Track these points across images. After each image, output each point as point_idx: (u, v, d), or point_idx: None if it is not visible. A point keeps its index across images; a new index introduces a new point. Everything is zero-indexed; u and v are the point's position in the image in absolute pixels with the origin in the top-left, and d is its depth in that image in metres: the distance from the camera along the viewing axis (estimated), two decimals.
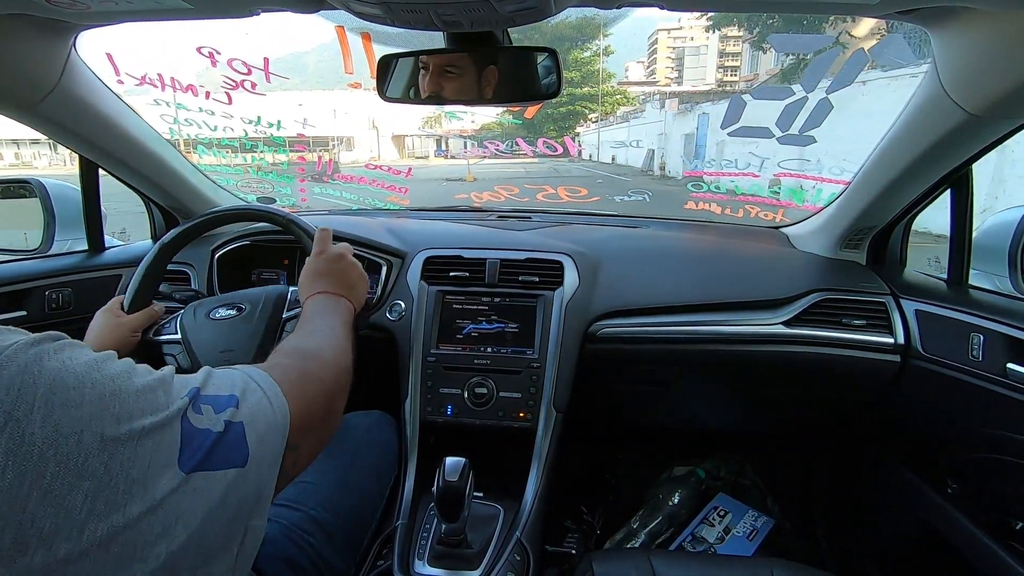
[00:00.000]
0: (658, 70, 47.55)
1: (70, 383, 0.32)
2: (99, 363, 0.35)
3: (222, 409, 0.40)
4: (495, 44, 0.80)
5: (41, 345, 0.33)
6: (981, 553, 0.96)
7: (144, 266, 0.94)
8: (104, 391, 0.33)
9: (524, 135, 6.77)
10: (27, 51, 0.84)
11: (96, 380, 0.33)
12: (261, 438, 0.42)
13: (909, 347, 1.05)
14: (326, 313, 0.73)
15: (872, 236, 1.17)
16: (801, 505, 1.51)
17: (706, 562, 0.94)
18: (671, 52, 47.67)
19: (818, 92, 1.26)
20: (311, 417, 0.51)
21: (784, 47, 4.32)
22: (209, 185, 1.40)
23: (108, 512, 0.31)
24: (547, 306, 1.11)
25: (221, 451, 0.38)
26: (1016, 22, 0.64)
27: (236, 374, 0.46)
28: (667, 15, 32.97)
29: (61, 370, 0.32)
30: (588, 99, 18.58)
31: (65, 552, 0.29)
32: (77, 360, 0.34)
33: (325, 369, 0.59)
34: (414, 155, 18.59)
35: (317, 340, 0.65)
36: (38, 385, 0.30)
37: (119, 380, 0.35)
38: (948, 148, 0.88)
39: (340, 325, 0.72)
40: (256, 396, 0.44)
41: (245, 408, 0.42)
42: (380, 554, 0.89)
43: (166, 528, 0.33)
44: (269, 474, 0.43)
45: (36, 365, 0.31)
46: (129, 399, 0.34)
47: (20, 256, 1.24)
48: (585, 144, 17.22)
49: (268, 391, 0.46)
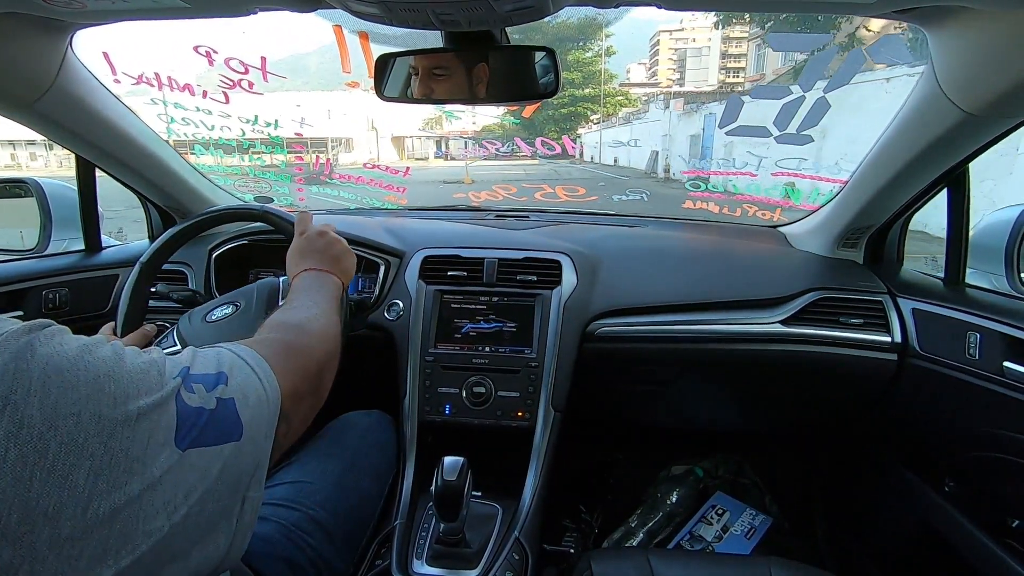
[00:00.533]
0: (660, 72, 47.28)
1: (64, 366, 0.32)
2: (90, 347, 0.35)
3: (212, 387, 0.41)
4: (493, 43, 0.80)
5: (32, 333, 0.33)
6: (979, 551, 0.97)
7: (129, 288, 0.91)
8: (98, 372, 0.34)
9: (525, 136, 6.71)
10: (23, 50, 0.83)
11: (88, 363, 0.34)
12: (253, 412, 0.43)
13: (906, 346, 1.05)
14: (311, 289, 0.74)
15: (869, 235, 1.17)
16: (799, 504, 1.52)
17: (704, 561, 0.94)
18: (673, 54, 47.39)
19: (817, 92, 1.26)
20: (300, 387, 0.52)
21: (783, 46, 4.33)
22: (207, 185, 1.40)
23: (110, 490, 0.32)
24: (545, 305, 1.11)
25: (215, 427, 0.39)
26: (1013, 22, 0.65)
27: (223, 352, 0.46)
28: (669, 16, 32.72)
29: (53, 355, 0.33)
30: (589, 100, 18.46)
31: (70, 529, 0.30)
32: (68, 345, 0.34)
33: (311, 339, 0.60)
34: (414, 156, 18.48)
35: (302, 314, 0.65)
36: (32, 370, 0.31)
37: (111, 363, 0.35)
38: (945, 147, 0.88)
39: (326, 298, 0.72)
40: (244, 372, 0.45)
41: (234, 384, 0.43)
42: (379, 553, 0.89)
43: (166, 503, 0.35)
44: (264, 445, 0.44)
45: (28, 351, 0.32)
46: (123, 380, 0.35)
47: (17, 256, 1.24)
48: (587, 145, 17.00)
49: (255, 366, 0.47)
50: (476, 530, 0.91)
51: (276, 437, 0.46)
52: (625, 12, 0.76)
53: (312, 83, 65.83)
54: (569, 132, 17.27)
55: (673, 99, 16.01)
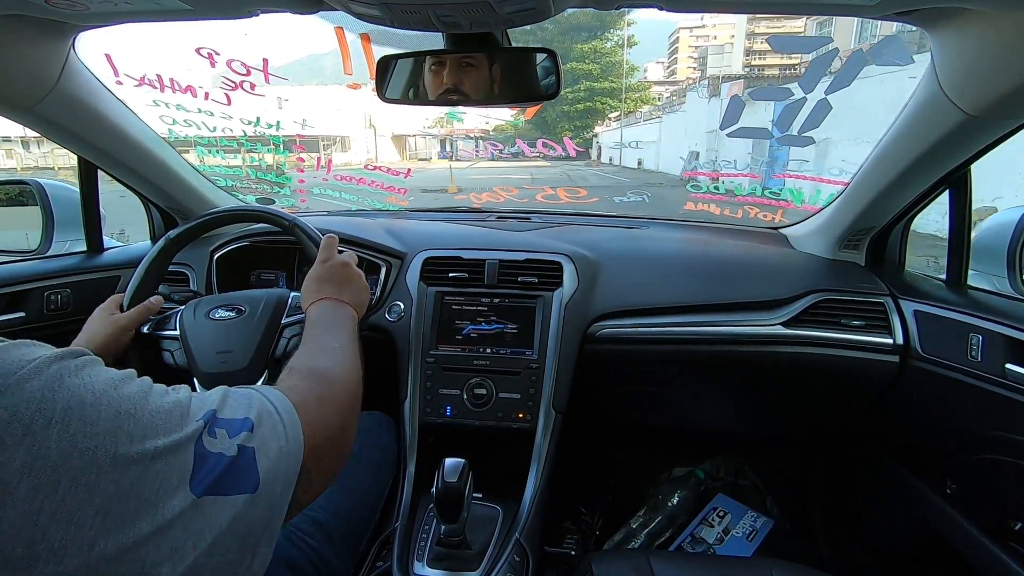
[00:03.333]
0: (679, 70, 46.09)
1: (87, 400, 0.33)
2: (117, 383, 0.36)
3: (236, 433, 0.40)
4: (494, 45, 0.80)
5: (63, 361, 0.34)
6: (980, 553, 0.96)
7: (147, 261, 0.93)
8: (120, 410, 0.34)
9: (537, 135, 6.40)
10: (26, 52, 0.84)
11: (113, 399, 0.34)
12: (273, 464, 0.42)
13: (908, 348, 1.05)
14: (334, 325, 0.72)
15: (871, 237, 1.17)
16: (800, 506, 1.51)
17: (705, 563, 0.94)
18: (693, 51, 46.46)
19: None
20: (324, 441, 0.50)
21: (783, 48, 4.28)
22: (208, 186, 1.40)
23: (117, 529, 0.31)
24: (546, 307, 1.11)
25: (232, 476, 0.38)
26: (1015, 23, 0.64)
27: (254, 396, 0.46)
28: (687, 14, 31.66)
29: (80, 388, 0.33)
30: (608, 94, 16.70)
31: (74, 566, 0.29)
32: (96, 378, 0.35)
33: (340, 391, 0.58)
34: (416, 157, 17.73)
35: (331, 359, 0.63)
36: (57, 401, 0.31)
37: (135, 400, 0.35)
38: (947, 149, 0.88)
39: (347, 335, 0.71)
40: (271, 421, 0.44)
41: (260, 433, 0.42)
42: (379, 555, 0.89)
43: (174, 549, 0.34)
44: (279, 501, 0.43)
45: (57, 381, 0.32)
46: (144, 419, 0.35)
47: (19, 257, 1.24)
48: (605, 146, 14.93)
49: (284, 416, 0.46)
50: (477, 532, 0.91)
51: (295, 493, 0.45)
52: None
53: (329, 83, 66.05)
54: (586, 130, 15.59)
55: (728, 82, 11.60)
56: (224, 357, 0.85)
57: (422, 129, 17.62)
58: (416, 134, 18.03)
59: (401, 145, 17.87)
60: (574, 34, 8.28)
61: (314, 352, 0.65)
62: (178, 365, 0.88)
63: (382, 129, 15.55)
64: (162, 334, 0.90)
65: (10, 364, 0.32)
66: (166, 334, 0.90)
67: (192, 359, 0.86)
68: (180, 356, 0.88)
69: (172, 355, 0.89)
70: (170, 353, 0.89)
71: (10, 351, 0.33)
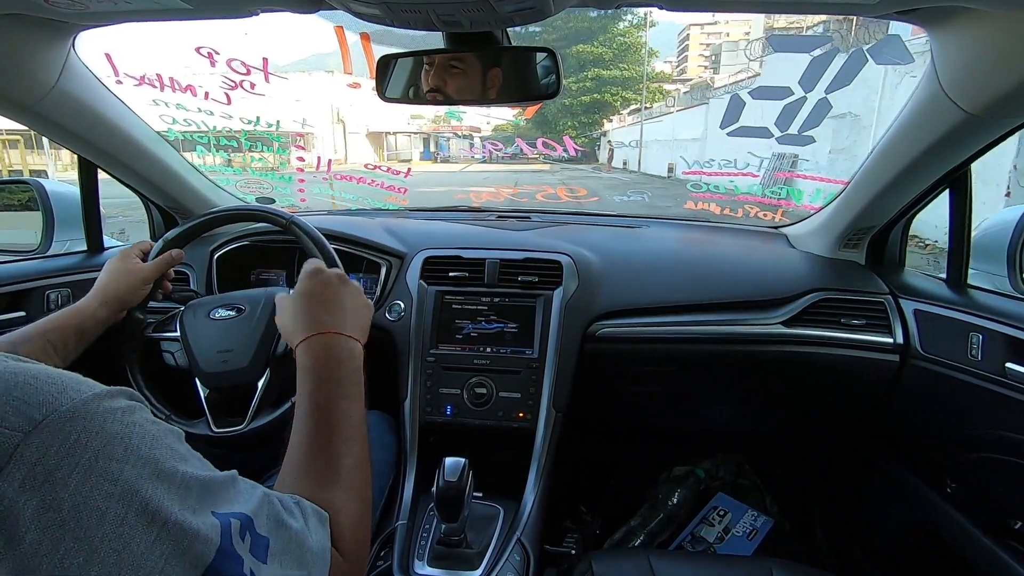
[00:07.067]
0: (689, 69, 44.28)
1: (116, 455, 0.31)
2: (159, 438, 0.33)
3: (263, 555, 0.36)
4: (494, 44, 0.80)
5: (114, 401, 0.32)
6: (980, 553, 0.96)
7: (189, 224, 0.95)
8: (150, 472, 0.32)
9: (537, 135, 5.97)
10: (25, 51, 0.84)
11: (145, 458, 0.32)
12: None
13: (908, 347, 1.05)
14: (345, 382, 0.59)
15: (871, 236, 1.17)
16: (800, 505, 1.52)
17: (705, 562, 0.94)
18: (705, 49, 45.07)
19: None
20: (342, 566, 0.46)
21: (783, 47, 4.25)
22: (208, 185, 1.40)
23: None
24: (546, 306, 1.11)
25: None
26: (1015, 22, 0.64)
27: (295, 530, 0.40)
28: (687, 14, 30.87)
29: (118, 435, 0.31)
30: (620, 84, 13.55)
31: None
32: (136, 428, 0.33)
33: (365, 507, 0.52)
34: (397, 157, 15.25)
35: (348, 458, 0.53)
36: (88, 447, 0.30)
37: (169, 459, 0.33)
38: (947, 148, 0.88)
39: (359, 400, 0.59)
40: (291, 549, 0.39)
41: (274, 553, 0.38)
42: (380, 555, 0.89)
43: None
44: None
45: (98, 424, 0.31)
46: (175, 481, 0.33)
47: (19, 256, 1.24)
48: (616, 145, 12.47)
49: (316, 552, 0.41)
50: (477, 531, 0.91)
51: None
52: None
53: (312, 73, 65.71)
54: (592, 127, 13.23)
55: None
56: (225, 356, 0.86)
57: (405, 126, 15.43)
58: (397, 132, 15.85)
59: (378, 144, 15.63)
60: (585, 13, 7.26)
61: (342, 442, 0.53)
62: (179, 366, 0.88)
63: (354, 125, 13.36)
64: (163, 336, 0.91)
65: (55, 397, 0.30)
66: (167, 336, 0.90)
67: (193, 359, 0.86)
68: (181, 357, 0.88)
69: (173, 356, 0.89)
70: (171, 354, 0.89)
71: (56, 381, 0.31)
